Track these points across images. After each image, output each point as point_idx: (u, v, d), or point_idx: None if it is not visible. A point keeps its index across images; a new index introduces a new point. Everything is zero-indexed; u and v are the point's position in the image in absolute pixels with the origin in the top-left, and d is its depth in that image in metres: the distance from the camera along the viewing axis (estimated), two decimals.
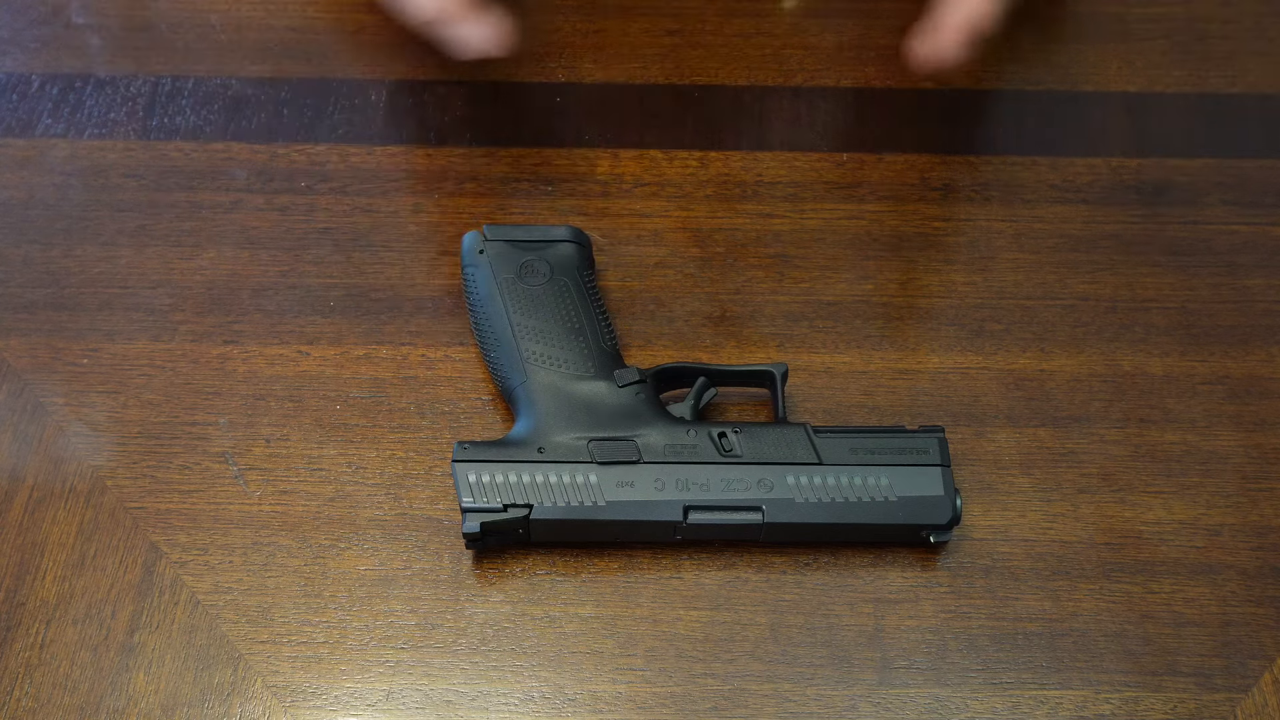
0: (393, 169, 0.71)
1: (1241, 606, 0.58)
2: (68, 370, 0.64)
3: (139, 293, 0.67)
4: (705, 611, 0.58)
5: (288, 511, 0.60)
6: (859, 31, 0.75)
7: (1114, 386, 0.64)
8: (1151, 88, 0.74)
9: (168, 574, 0.59)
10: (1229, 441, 0.63)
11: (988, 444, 0.62)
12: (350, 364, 0.64)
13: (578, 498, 0.57)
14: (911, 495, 0.58)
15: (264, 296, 0.67)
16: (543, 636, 0.58)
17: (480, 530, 0.57)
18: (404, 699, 0.56)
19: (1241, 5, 0.78)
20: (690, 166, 0.71)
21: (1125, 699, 0.56)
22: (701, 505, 0.57)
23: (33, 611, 0.58)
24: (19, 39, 0.76)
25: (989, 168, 0.71)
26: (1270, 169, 0.71)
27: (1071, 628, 0.58)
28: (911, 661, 0.57)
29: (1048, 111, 0.73)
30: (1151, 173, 0.71)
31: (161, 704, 0.56)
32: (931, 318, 0.66)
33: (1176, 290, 0.67)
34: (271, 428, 0.63)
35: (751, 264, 0.68)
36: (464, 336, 0.65)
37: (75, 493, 0.61)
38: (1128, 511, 0.61)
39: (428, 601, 0.58)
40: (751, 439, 0.58)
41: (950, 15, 0.61)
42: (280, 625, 0.58)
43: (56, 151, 0.71)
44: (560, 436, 0.58)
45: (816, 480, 0.58)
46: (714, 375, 0.61)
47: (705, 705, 0.56)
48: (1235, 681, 0.57)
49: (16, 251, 0.68)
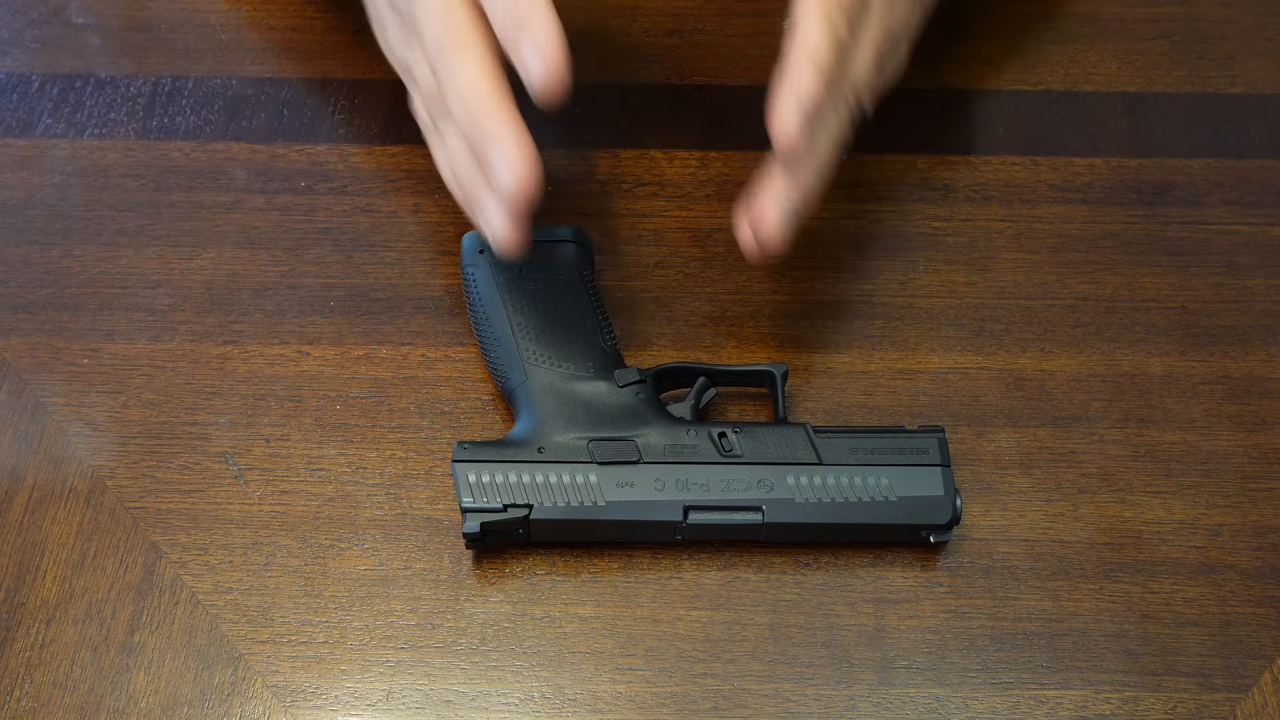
0: (393, 169, 0.71)
1: (1241, 606, 0.58)
2: (68, 370, 0.64)
3: (139, 293, 0.67)
4: (705, 611, 0.58)
5: (288, 511, 0.60)
6: None
7: (1114, 386, 0.64)
8: (1151, 88, 0.74)
9: (168, 574, 0.59)
10: (1229, 441, 0.63)
11: (988, 444, 0.62)
12: (350, 364, 0.65)
13: (578, 498, 0.57)
14: (911, 495, 0.58)
15: (264, 296, 0.67)
16: (543, 636, 0.58)
17: (480, 530, 0.57)
18: (404, 699, 0.56)
19: (1241, 5, 0.78)
20: (690, 166, 0.71)
21: (1125, 699, 0.56)
22: (701, 505, 0.57)
23: (33, 611, 0.58)
24: (19, 39, 0.76)
25: (989, 168, 0.71)
26: (1270, 169, 0.71)
27: (1071, 628, 0.58)
28: (911, 661, 0.57)
29: (1048, 111, 0.73)
30: (1151, 173, 0.71)
31: (161, 704, 0.56)
32: (931, 318, 0.66)
33: (1176, 290, 0.67)
34: (271, 428, 0.63)
35: (751, 264, 0.68)
36: (464, 336, 0.65)
37: (75, 493, 0.61)
38: (1128, 511, 0.61)
39: (428, 601, 0.58)
40: (751, 439, 0.58)
41: (765, 204, 0.57)
42: (280, 625, 0.58)
43: (56, 151, 0.72)
44: (560, 436, 0.58)
45: (816, 480, 0.58)
46: (714, 375, 0.62)
47: (705, 705, 0.56)
48: (1235, 681, 0.57)
49: (16, 251, 0.68)
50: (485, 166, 0.54)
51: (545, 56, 0.52)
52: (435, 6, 0.55)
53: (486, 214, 0.56)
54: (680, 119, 0.73)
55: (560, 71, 0.52)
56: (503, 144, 0.53)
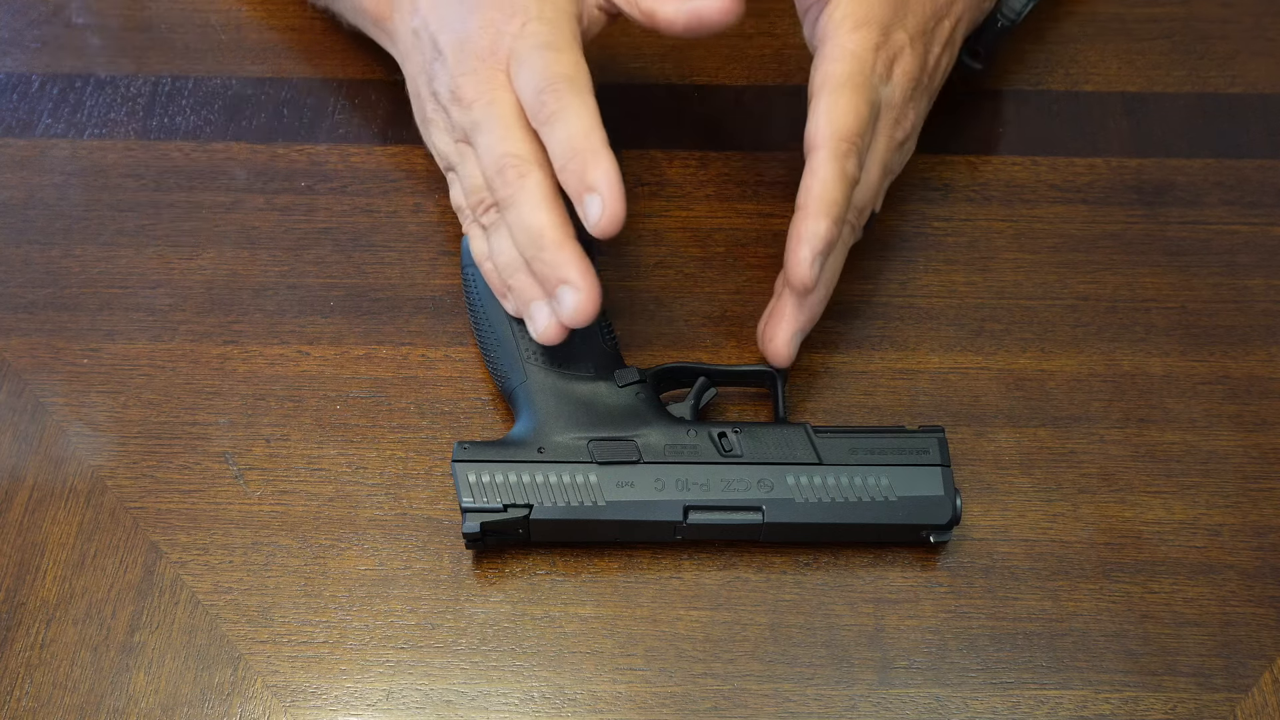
0: (393, 169, 0.71)
1: (1241, 606, 0.58)
2: (68, 370, 0.64)
3: (139, 293, 0.67)
4: (705, 611, 0.58)
5: (288, 511, 0.60)
6: None
7: (1114, 386, 0.64)
8: (1151, 88, 0.74)
9: (168, 574, 0.59)
10: (1229, 441, 0.63)
11: (988, 444, 0.62)
12: (350, 364, 0.64)
13: (578, 498, 0.57)
14: (911, 495, 0.58)
15: (264, 296, 0.67)
16: (543, 636, 0.58)
17: (480, 530, 0.57)
18: (404, 699, 0.56)
19: (1241, 5, 0.78)
20: (690, 166, 0.71)
21: (1125, 699, 0.56)
22: (701, 505, 0.57)
23: (33, 611, 0.58)
24: (19, 39, 0.76)
25: (989, 168, 0.71)
26: (1270, 169, 0.71)
27: (1071, 628, 0.58)
28: (911, 661, 0.57)
29: (1048, 111, 0.73)
30: (1151, 173, 0.71)
31: (161, 704, 0.56)
32: (931, 318, 0.66)
33: (1176, 290, 0.67)
34: (271, 428, 0.63)
35: (751, 264, 0.68)
36: (464, 336, 0.65)
37: (75, 493, 0.61)
38: (1128, 511, 0.61)
39: (428, 601, 0.58)
40: (751, 439, 0.58)
41: (777, 328, 0.61)
42: (280, 625, 0.58)
43: (56, 151, 0.72)
44: (560, 437, 0.58)
45: (816, 480, 0.58)
46: (714, 375, 0.62)
47: (705, 705, 0.56)
48: (1235, 681, 0.57)
49: (16, 251, 0.68)
50: (548, 293, 0.57)
51: (608, 207, 0.54)
52: (497, 129, 0.57)
53: (535, 318, 0.58)
54: (680, 119, 0.73)
55: (620, 217, 0.55)
56: (570, 280, 0.55)
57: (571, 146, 0.55)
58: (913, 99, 0.63)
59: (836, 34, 0.60)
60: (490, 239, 0.60)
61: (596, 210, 0.54)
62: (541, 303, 0.57)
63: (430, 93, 0.61)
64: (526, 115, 0.57)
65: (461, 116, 0.59)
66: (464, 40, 0.59)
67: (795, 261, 0.57)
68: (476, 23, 0.59)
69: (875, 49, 0.60)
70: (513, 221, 0.57)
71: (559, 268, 0.55)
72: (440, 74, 0.60)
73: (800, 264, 0.57)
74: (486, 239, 0.60)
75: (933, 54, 0.64)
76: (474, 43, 0.59)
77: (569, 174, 0.55)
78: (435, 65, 0.61)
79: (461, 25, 0.60)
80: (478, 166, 0.59)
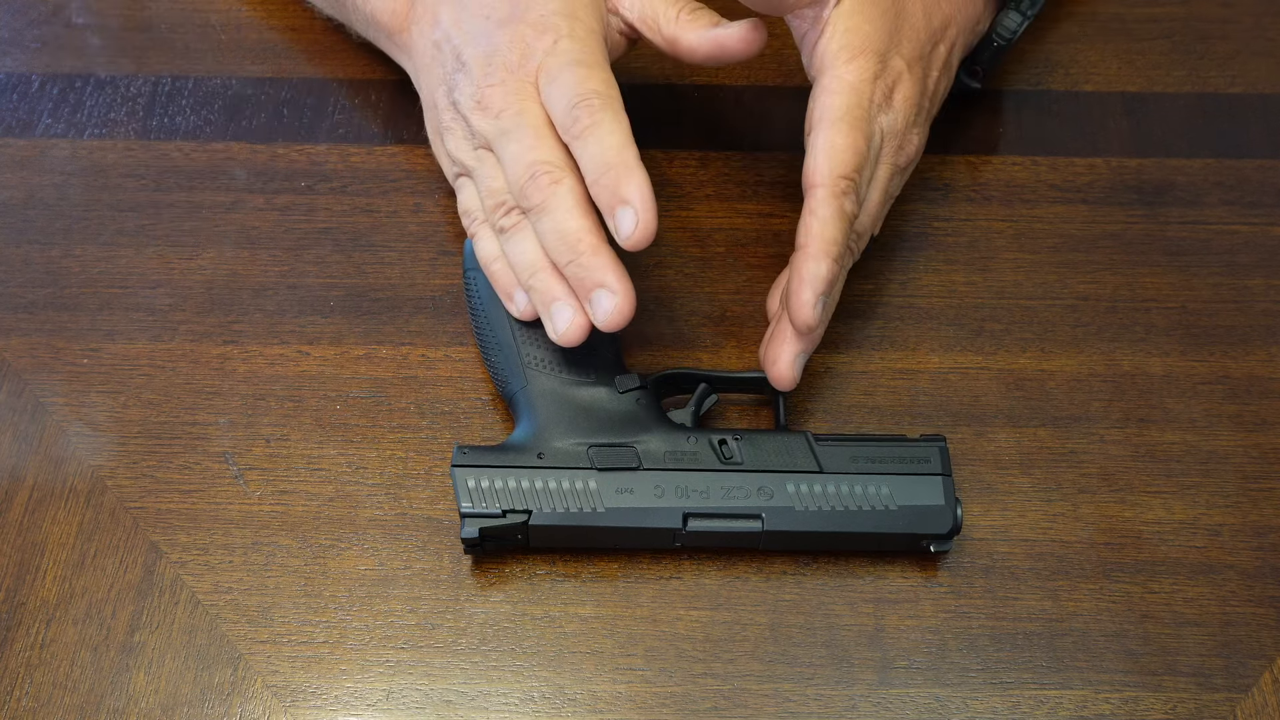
0: (393, 169, 0.71)
1: (1241, 606, 0.58)
2: (68, 370, 0.64)
3: (139, 293, 0.67)
4: (705, 611, 0.58)
5: (288, 511, 0.60)
6: None
7: (1114, 386, 0.64)
8: (1151, 88, 0.74)
9: (168, 574, 0.59)
10: (1229, 441, 0.63)
11: (988, 444, 0.62)
12: (350, 364, 0.65)
13: (577, 504, 0.57)
14: (912, 504, 0.57)
15: (264, 296, 0.67)
16: (543, 636, 0.58)
17: (479, 535, 0.57)
18: (404, 699, 0.56)
19: (1241, 5, 0.78)
20: (690, 166, 0.71)
21: (1125, 699, 0.56)
22: (701, 513, 0.57)
23: (33, 611, 0.58)
24: (19, 39, 0.76)
25: (989, 168, 0.71)
26: (1270, 169, 0.71)
27: (1071, 628, 0.58)
28: (911, 661, 0.57)
29: (1048, 111, 0.73)
30: (1151, 173, 0.71)
31: (161, 704, 0.56)
32: (931, 318, 0.66)
33: (1176, 290, 0.67)
34: (271, 428, 0.63)
35: (751, 264, 0.68)
36: (464, 336, 0.65)
37: (75, 493, 0.61)
38: (1128, 511, 0.61)
39: (428, 601, 0.58)
40: (752, 446, 0.58)
41: (779, 353, 0.60)
42: (280, 625, 0.58)
43: (56, 151, 0.71)
44: (560, 442, 0.58)
45: (817, 488, 0.58)
46: (715, 382, 0.61)
47: (705, 705, 0.56)
48: (1235, 681, 0.57)
49: (16, 251, 0.68)
50: (583, 297, 0.57)
51: (642, 221, 0.55)
52: (528, 138, 0.58)
53: (556, 318, 0.58)
54: (680, 119, 0.73)
55: (652, 232, 0.55)
56: (607, 284, 0.56)
57: (605, 161, 0.56)
58: (915, 124, 0.63)
59: (834, 65, 0.60)
60: (508, 241, 0.60)
61: (630, 224, 0.55)
62: (563, 304, 0.57)
63: (450, 103, 0.61)
64: (556, 129, 0.58)
65: (485, 125, 0.59)
66: (491, 54, 0.60)
67: (799, 304, 0.58)
68: (505, 38, 0.60)
69: (874, 79, 0.60)
70: (546, 227, 0.57)
71: (596, 271, 0.56)
72: (463, 84, 0.60)
73: (804, 306, 0.58)
74: (499, 241, 0.60)
75: (931, 78, 0.64)
76: (502, 56, 0.59)
77: (601, 188, 0.56)
78: (457, 76, 0.61)
79: (488, 40, 0.60)
80: (499, 171, 0.60)
